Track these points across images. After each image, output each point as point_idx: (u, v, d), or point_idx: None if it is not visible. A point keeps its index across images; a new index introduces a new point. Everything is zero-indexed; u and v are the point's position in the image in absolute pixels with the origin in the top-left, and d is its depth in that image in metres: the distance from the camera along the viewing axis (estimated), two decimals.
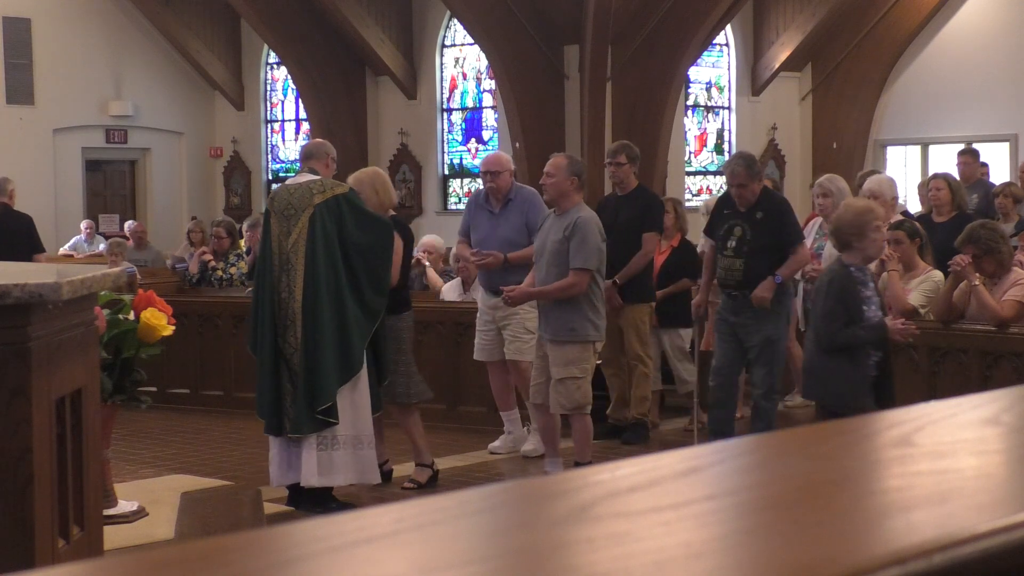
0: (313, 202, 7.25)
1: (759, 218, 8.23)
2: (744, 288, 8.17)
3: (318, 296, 7.17)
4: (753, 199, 8.27)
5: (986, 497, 1.22)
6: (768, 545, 1.09)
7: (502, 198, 8.60)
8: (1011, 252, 7.96)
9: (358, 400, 7.27)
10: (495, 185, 8.57)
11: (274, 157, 21.55)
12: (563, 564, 1.05)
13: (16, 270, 4.77)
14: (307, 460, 7.19)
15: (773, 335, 8.18)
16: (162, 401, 9.15)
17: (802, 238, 8.53)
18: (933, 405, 1.59)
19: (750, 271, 8.14)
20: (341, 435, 7.18)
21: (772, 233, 8.21)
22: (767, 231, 8.21)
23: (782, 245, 8.22)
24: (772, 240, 8.19)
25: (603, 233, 7.79)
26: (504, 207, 8.61)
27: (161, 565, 1.05)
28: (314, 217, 7.22)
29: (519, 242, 8.49)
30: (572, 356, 7.66)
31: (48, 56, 19.40)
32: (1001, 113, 18.57)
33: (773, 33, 19.85)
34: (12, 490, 3.76)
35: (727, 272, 8.28)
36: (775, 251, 8.19)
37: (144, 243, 15.36)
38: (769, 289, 8.08)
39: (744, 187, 8.24)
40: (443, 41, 19.73)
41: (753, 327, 8.17)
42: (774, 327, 8.18)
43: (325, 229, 7.20)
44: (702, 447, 1.43)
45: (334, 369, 7.14)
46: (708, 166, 19.92)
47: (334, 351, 7.14)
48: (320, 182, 7.36)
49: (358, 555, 1.06)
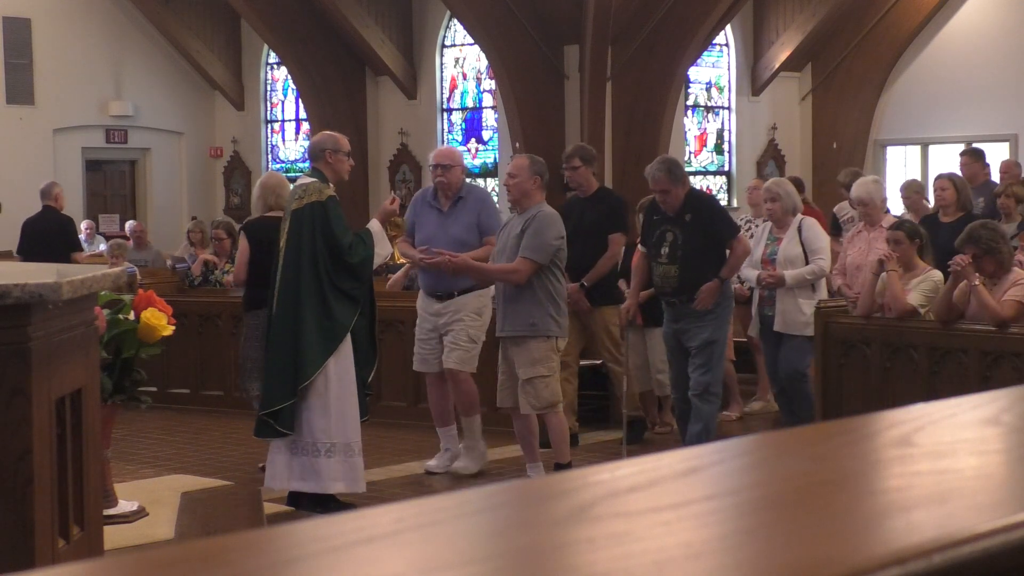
0: (291, 208, 7.27)
1: (688, 220, 8.08)
2: (681, 294, 8.09)
3: (285, 301, 7.16)
4: (678, 203, 8.11)
5: (986, 497, 1.22)
6: (768, 545, 1.09)
7: (452, 195, 8.13)
8: (1011, 252, 7.96)
9: (347, 408, 7.19)
10: (445, 180, 8.08)
11: (274, 157, 21.54)
12: (563, 564, 1.05)
13: (16, 270, 4.76)
14: (272, 463, 7.21)
15: (712, 336, 8.11)
16: (162, 401, 9.14)
17: (737, 232, 8.41)
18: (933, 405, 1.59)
19: (685, 276, 8.05)
20: (334, 443, 7.17)
21: (704, 234, 8.08)
22: (699, 233, 8.07)
23: (716, 244, 8.11)
24: (705, 241, 8.07)
25: (563, 232, 7.57)
26: (454, 205, 8.13)
27: (161, 565, 1.05)
28: (291, 224, 7.21)
29: (470, 243, 8.01)
30: (536, 354, 7.48)
31: (48, 56, 19.39)
32: (1001, 113, 18.57)
33: (773, 33, 19.85)
34: (12, 490, 3.76)
35: (663, 279, 8.15)
36: (710, 252, 8.08)
37: (144, 243, 15.35)
38: (714, 293, 8.02)
39: (667, 192, 8.08)
40: (443, 41, 19.73)
41: (694, 330, 8.11)
42: (714, 328, 8.12)
43: (298, 236, 7.16)
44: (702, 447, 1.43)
45: (285, 377, 7.10)
46: (708, 166, 19.91)
47: (288, 360, 7.10)
48: (303, 187, 7.32)
49: (358, 555, 1.06)
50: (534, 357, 7.49)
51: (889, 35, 19.59)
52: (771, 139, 20.14)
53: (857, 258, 9.21)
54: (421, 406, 10.05)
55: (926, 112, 19.39)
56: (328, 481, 7.19)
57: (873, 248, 9.01)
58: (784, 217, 8.72)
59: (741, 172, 19.64)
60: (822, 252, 8.64)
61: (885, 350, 8.05)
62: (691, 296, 8.06)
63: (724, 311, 8.23)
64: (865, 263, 8.95)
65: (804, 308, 8.44)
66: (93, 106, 20.07)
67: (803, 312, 8.44)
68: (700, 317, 8.07)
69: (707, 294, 7.99)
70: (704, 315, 8.07)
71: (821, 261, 8.61)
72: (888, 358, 8.04)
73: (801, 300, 8.49)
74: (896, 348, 8.01)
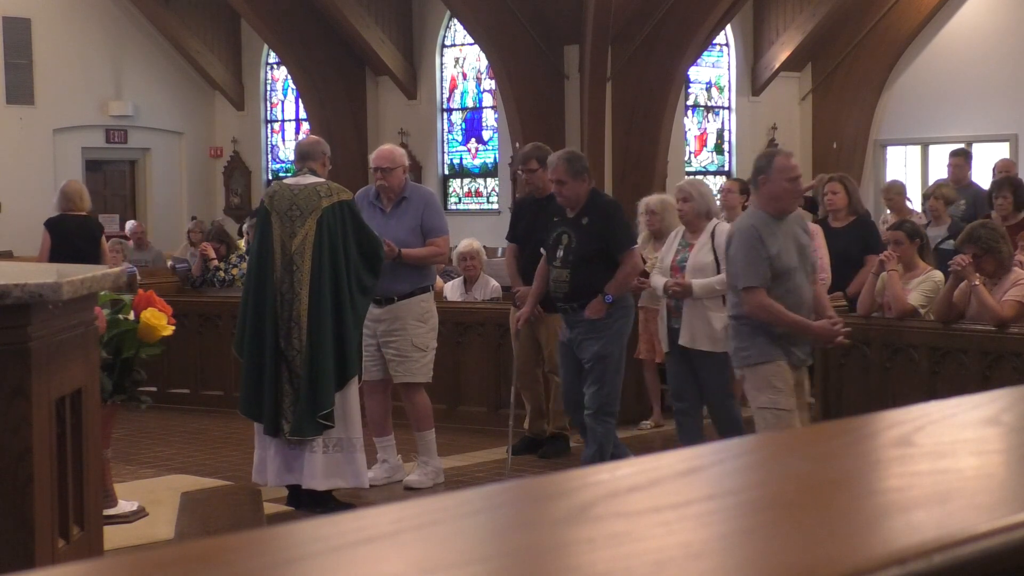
0: (320, 205, 7.25)
1: (584, 224, 7.58)
2: (572, 301, 7.60)
3: (322, 300, 7.17)
4: (576, 200, 7.62)
5: (986, 497, 1.22)
6: (768, 545, 1.09)
7: (395, 197, 7.97)
8: (1011, 252, 7.96)
9: (350, 404, 7.29)
10: (386, 183, 7.92)
11: (274, 157, 21.55)
12: (563, 564, 1.05)
13: (16, 270, 4.77)
14: (310, 463, 7.20)
15: (604, 351, 7.56)
16: (162, 401, 9.15)
17: (631, 245, 7.77)
18: (933, 405, 1.59)
19: (576, 283, 7.56)
20: (340, 439, 7.19)
21: (598, 240, 7.55)
22: (593, 238, 7.56)
23: (611, 252, 7.58)
24: (599, 247, 7.55)
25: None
26: (397, 206, 7.97)
27: (161, 565, 1.05)
28: (321, 221, 7.22)
29: (413, 244, 7.86)
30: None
31: (48, 56, 19.39)
32: (1001, 113, 18.57)
33: (773, 33, 19.86)
34: (12, 490, 3.76)
35: (556, 284, 7.68)
36: (604, 259, 7.56)
37: (144, 243, 15.36)
38: (598, 310, 7.52)
39: (563, 184, 7.57)
40: (443, 41, 19.73)
41: (586, 343, 7.60)
42: (607, 343, 7.56)
43: (332, 234, 7.21)
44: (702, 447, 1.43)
45: (334, 373, 7.17)
46: (708, 166, 19.92)
47: (334, 356, 7.16)
48: (326, 186, 7.36)
49: (358, 555, 1.06)
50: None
51: (889, 35, 19.59)
52: (771, 139, 20.14)
53: None
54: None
55: (926, 112, 19.39)
56: (363, 476, 7.30)
57: None
58: (696, 220, 7.87)
59: (741, 172, 19.61)
60: None
61: (885, 350, 8.05)
62: (582, 303, 7.56)
63: (620, 324, 7.67)
64: None
65: (714, 322, 7.57)
66: (93, 106, 20.07)
67: (712, 326, 7.57)
68: (593, 328, 7.56)
69: (592, 311, 7.52)
70: (597, 326, 7.56)
71: None
72: (888, 358, 8.04)
73: (711, 313, 7.60)
74: (896, 348, 8.01)
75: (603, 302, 7.51)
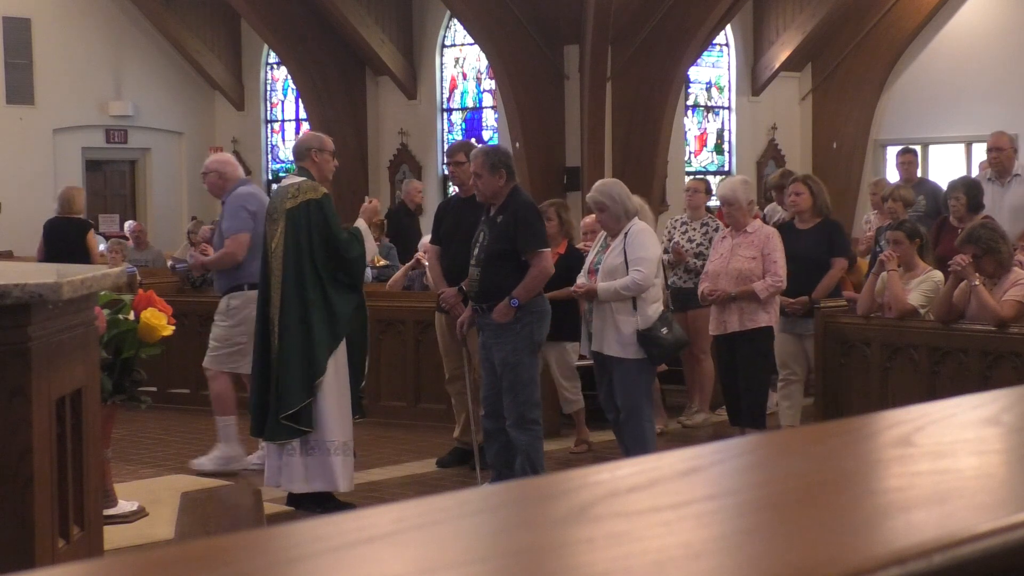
0: (285, 207, 7.29)
1: (499, 222, 7.35)
2: (482, 302, 7.37)
3: (290, 302, 7.21)
4: (492, 195, 7.37)
5: (986, 497, 1.22)
6: (768, 545, 1.09)
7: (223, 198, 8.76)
8: (1011, 252, 7.96)
9: (343, 407, 7.29)
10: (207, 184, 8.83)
11: (274, 157, 21.54)
12: (563, 564, 1.05)
13: (16, 270, 4.76)
14: (288, 466, 7.24)
15: (513, 359, 7.29)
16: (162, 401, 9.16)
17: (539, 247, 7.35)
18: (933, 405, 1.59)
19: (485, 282, 7.34)
20: (312, 441, 7.19)
21: (507, 239, 7.29)
22: (503, 237, 7.31)
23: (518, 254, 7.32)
24: (507, 247, 7.29)
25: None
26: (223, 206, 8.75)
27: (161, 565, 1.05)
28: (287, 223, 7.25)
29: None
30: None
31: (48, 56, 19.39)
32: (1001, 113, 18.55)
33: (773, 33, 19.85)
34: (12, 490, 3.76)
35: (470, 283, 7.50)
36: (513, 260, 7.30)
37: (144, 243, 15.35)
38: (504, 314, 7.24)
39: (479, 177, 7.34)
40: (443, 41, 19.72)
41: (495, 347, 7.35)
42: (511, 349, 7.28)
43: (296, 235, 7.23)
44: (702, 447, 1.43)
45: (300, 375, 7.16)
46: (708, 166, 19.90)
47: (301, 359, 7.16)
48: (296, 186, 7.37)
49: (358, 555, 1.06)
50: None
51: (889, 35, 19.59)
52: (771, 139, 20.14)
53: (716, 265, 8.58)
54: (421, 406, 10.08)
55: (926, 112, 19.39)
56: (339, 479, 7.29)
57: (735, 255, 8.42)
58: (616, 225, 7.52)
59: (741, 172, 19.60)
60: (642, 263, 7.36)
61: (885, 350, 8.06)
62: (490, 305, 7.31)
63: (529, 329, 7.32)
64: (725, 271, 8.41)
65: (622, 326, 7.35)
66: (93, 106, 20.07)
67: (620, 331, 7.36)
68: (501, 332, 7.31)
69: (498, 315, 7.27)
70: (505, 330, 7.29)
71: (638, 273, 7.33)
72: (888, 358, 8.04)
73: (619, 317, 7.36)
74: (896, 348, 8.02)
75: (510, 306, 7.23)
